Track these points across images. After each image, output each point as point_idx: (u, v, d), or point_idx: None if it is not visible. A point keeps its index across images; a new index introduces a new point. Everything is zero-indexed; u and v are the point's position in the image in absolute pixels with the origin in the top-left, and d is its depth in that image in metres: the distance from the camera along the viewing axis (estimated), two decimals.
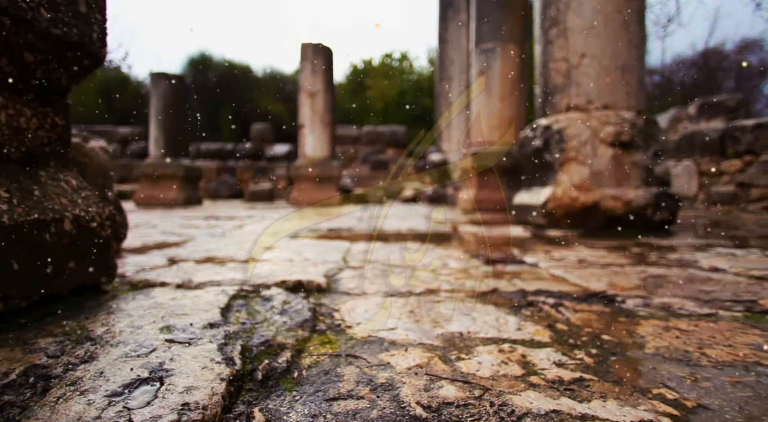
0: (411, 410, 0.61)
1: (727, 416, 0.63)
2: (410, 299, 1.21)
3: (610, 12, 3.22)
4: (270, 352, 0.79)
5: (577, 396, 0.67)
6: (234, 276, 1.41)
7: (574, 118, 3.35)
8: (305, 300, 1.15)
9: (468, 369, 0.76)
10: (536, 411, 0.61)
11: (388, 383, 0.69)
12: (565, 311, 1.16)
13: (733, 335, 0.98)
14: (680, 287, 1.42)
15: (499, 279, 1.56)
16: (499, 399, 0.64)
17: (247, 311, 1.02)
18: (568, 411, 0.61)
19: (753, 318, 1.11)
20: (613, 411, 0.62)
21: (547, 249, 2.37)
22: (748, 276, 1.57)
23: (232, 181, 13.13)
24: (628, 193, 3.23)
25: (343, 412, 0.61)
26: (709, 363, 0.82)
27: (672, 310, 1.17)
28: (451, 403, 0.63)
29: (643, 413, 0.62)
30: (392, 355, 0.81)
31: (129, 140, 14.36)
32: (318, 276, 1.41)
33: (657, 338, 0.96)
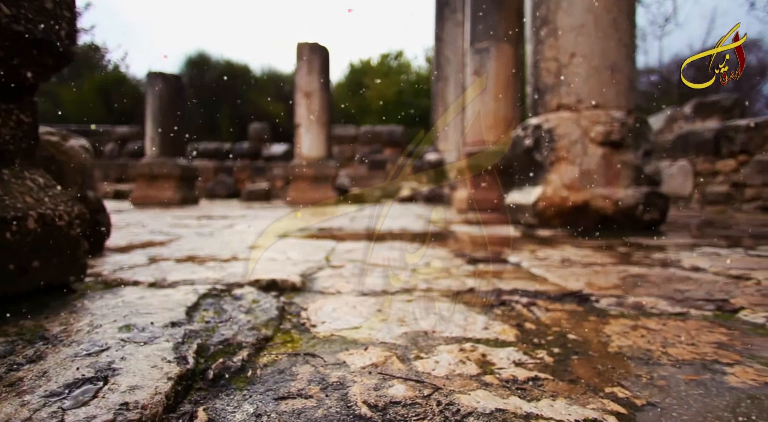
0: (357, 409, 0.61)
1: (674, 413, 0.63)
2: (382, 299, 1.21)
3: (600, 11, 3.22)
4: (227, 351, 0.79)
5: (527, 396, 0.66)
6: (210, 275, 1.41)
7: (564, 117, 3.35)
8: (275, 299, 1.15)
9: (424, 369, 0.76)
10: (481, 410, 0.61)
11: (340, 382, 0.69)
12: (536, 311, 1.16)
13: (699, 334, 0.98)
14: (657, 287, 1.42)
15: (478, 278, 1.56)
16: (447, 399, 0.64)
17: (214, 310, 1.02)
18: (514, 410, 0.61)
19: (722, 316, 1.11)
20: (560, 410, 0.62)
21: (533, 249, 2.37)
22: (726, 276, 1.56)
23: (229, 181, 13.12)
24: (617, 192, 3.23)
25: (289, 411, 0.60)
26: (668, 362, 0.82)
27: (644, 309, 1.17)
28: (399, 402, 0.63)
29: (590, 412, 0.62)
30: (350, 354, 0.81)
31: (127, 139, 14.36)
32: (294, 275, 1.41)
33: (622, 337, 0.96)
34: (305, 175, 8.51)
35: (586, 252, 2.23)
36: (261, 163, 13.78)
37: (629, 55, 3.33)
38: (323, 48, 8.73)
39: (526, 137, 3.63)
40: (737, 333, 0.99)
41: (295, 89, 8.83)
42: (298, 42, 8.72)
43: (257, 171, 13.54)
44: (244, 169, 13.67)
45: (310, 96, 8.61)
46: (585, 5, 3.25)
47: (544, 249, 2.35)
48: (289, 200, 8.52)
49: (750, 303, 1.16)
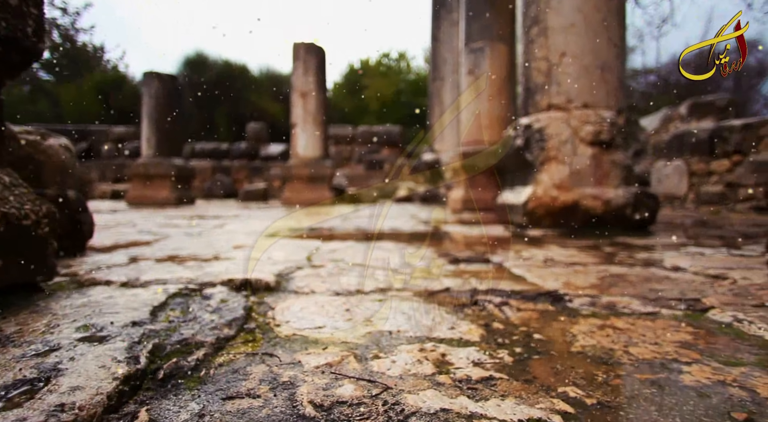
0: (301, 409, 0.61)
1: (621, 413, 0.63)
2: (353, 298, 1.21)
3: (589, 11, 3.22)
4: (184, 351, 0.79)
5: (476, 396, 0.66)
6: (186, 275, 1.40)
7: (554, 117, 3.35)
8: (245, 299, 1.15)
9: (379, 368, 0.75)
10: (426, 410, 0.61)
11: (290, 382, 0.69)
12: (507, 311, 1.16)
13: (665, 333, 0.98)
14: (634, 287, 1.41)
15: (456, 278, 1.56)
16: (394, 399, 0.64)
17: (181, 310, 1.02)
18: (459, 410, 0.61)
19: (692, 316, 1.11)
20: (506, 410, 0.62)
21: (519, 248, 2.37)
22: (704, 275, 1.56)
23: (226, 180, 13.11)
24: (607, 192, 3.22)
25: (234, 411, 0.60)
26: (628, 361, 0.82)
27: (615, 309, 1.17)
28: (345, 402, 0.63)
29: (537, 411, 0.62)
30: (308, 354, 0.81)
31: (124, 139, 14.35)
32: (269, 275, 1.40)
33: (588, 336, 0.96)
34: (301, 175, 8.50)
35: (571, 252, 2.23)
36: (259, 163, 13.77)
37: (619, 54, 3.33)
38: (319, 48, 8.72)
39: (516, 136, 3.63)
40: (703, 332, 0.99)
41: (291, 89, 8.82)
42: (294, 42, 8.71)
43: (255, 171, 13.54)
44: (242, 169, 13.67)
45: (306, 96, 8.60)
46: (574, 5, 3.25)
47: (530, 249, 2.35)
48: (285, 200, 8.52)
49: (721, 303, 1.15)
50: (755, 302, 1.12)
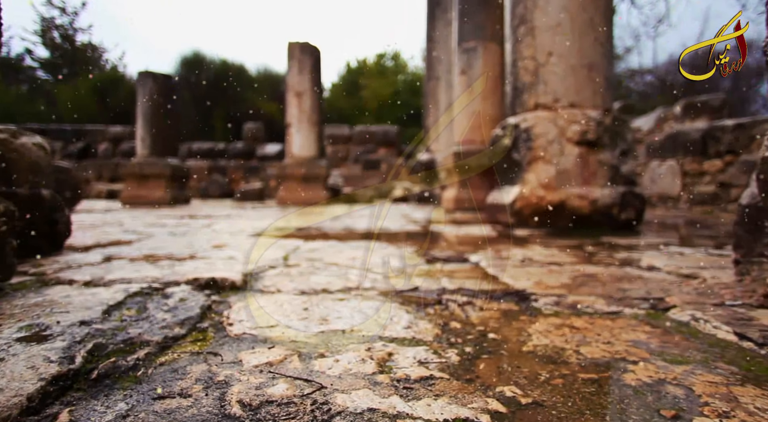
0: (229, 409, 0.60)
1: (554, 412, 0.63)
2: (316, 297, 1.21)
3: (576, 10, 3.22)
4: (127, 350, 0.78)
5: (409, 395, 0.66)
6: (153, 274, 1.40)
7: (541, 116, 3.34)
8: (206, 298, 1.14)
9: (319, 368, 0.75)
10: (352, 409, 0.60)
11: (225, 381, 0.68)
12: (470, 310, 1.15)
13: (622, 332, 0.97)
14: (603, 286, 1.41)
15: (429, 277, 1.55)
16: (325, 398, 0.63)
17: (137, 309, 1.01)
18: (385, 410, 0.60)
19: (653, 315, 1.11)
20: (434, 410, 0.61)
21: (500, 248, 2.37)
22: (677, 275, 1.56)
23: (223, 180, 13.11)
24: (593, 192, 3.22)
25: (160, 411, 0.60)
26: (576, 361, 0.82)
27: (579, 308, 1.17)
28: (274, 402, 0.62)
29: (467, 411, 0.61)
30: (253, 353, 0.80)
31: (121, 139, 14.34)
32: (236, 274, 1.40)
33: (543, 336, 0.95)
34: (296, 175, 8.49)
35: (552, 252, 2.22)
36: (255, 163, 13.76)
37: (606, 54, 3.33)
38: (314, 48, 8.71)
39: (504, 136, 3.63)
40: (659, 331, 0.98)
41: (286, 89, 8.82)
42: (289, 41, 8.71)
43: (251, 171, 13.53)
44: (238, 169, 13.66)
45: (301, 96, 8.60)
46: (561, 4, 3.25)
47: (512, 249, 2.35)
48: (280, 200, 8.52)
49: (683, 302, 1.15)
50: (716, 301, 1.12)
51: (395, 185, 10.80)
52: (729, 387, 0.69)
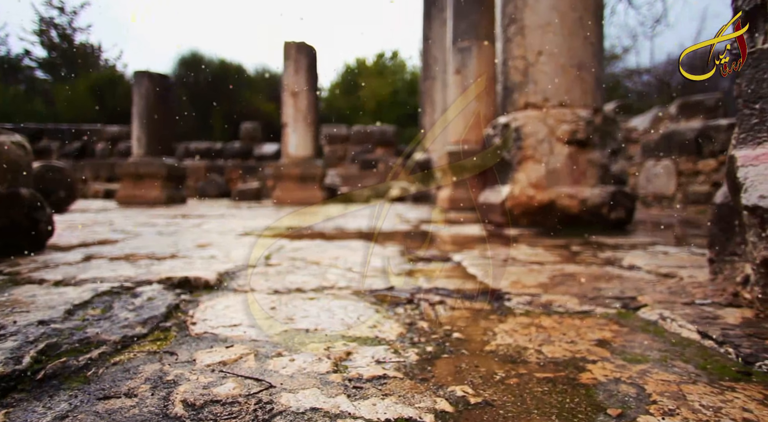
0: (171, 409, 0.60)
1: (501, 411, 0.62)
2: (286, 297, 1.20)
3: (565, 9, 3.21)
4: (81, 350, 0.78)
5: (357, 395, 0.65)
6: (128, 273, 1.39)
7: (531, 116, 3.34)
8: (176, 297, 1.14)
9: (273, 367, 0.74)
10: (294, 409, 0.60)
11: (174, 380, 0.68)
12: (440, 309, 1.15)
13: (589, 331, 0.97)
14: (580, 285, 1.41)
15: (407, 277, 1.55)
16: (270, 398, 0.63)
17: (102, 308, 1.01)
18: (328, 409, 0.60)
19: (624, 314, 1.10)
20: (378, 409, 0.61)
21: (486, 247, 2.36)
22: (656, 274, 1.55)
23: (220, 180, 13.10)
24: (583, 191, 3.22)
25: (102, 412, 0.59)
26: (536, 360, 0.81)
27: (551, 308, 1.16)
28: (219, 401, 0.62)
29: (412, 410, 0.61)
30: (209, 352, 0.80)
31: (118, 139, 14.33)
32: (211, 273, 1.40)
33: (508, 335, 0.95)
34: (291, 174, 8.49)
35: (537, 251, 2.22)
36: (253, 162, 13.75)
37: (596, 53, 3.32)
38: (310, 47, 8.71)
39: (495, 135, 3.62)
40: (625, 330, 0.98)
41: (281, 89, 8.81)
42: (285, 41, 8.70)
43: (249, 170, 13.52)
44: (236, 168, 13.65)
45: (296, 95, 8.59)
46: (551, 3, 3.24)
47: (497, 248, 2.35)
48: (276, 199, 8.51)
49: (654, 301, 1.15)
50: (686, 300, 1.12)
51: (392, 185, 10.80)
52: (680, 386, 0.69)
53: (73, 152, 13.97)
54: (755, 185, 0.85)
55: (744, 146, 0.94)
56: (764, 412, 0.61)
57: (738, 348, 0.79)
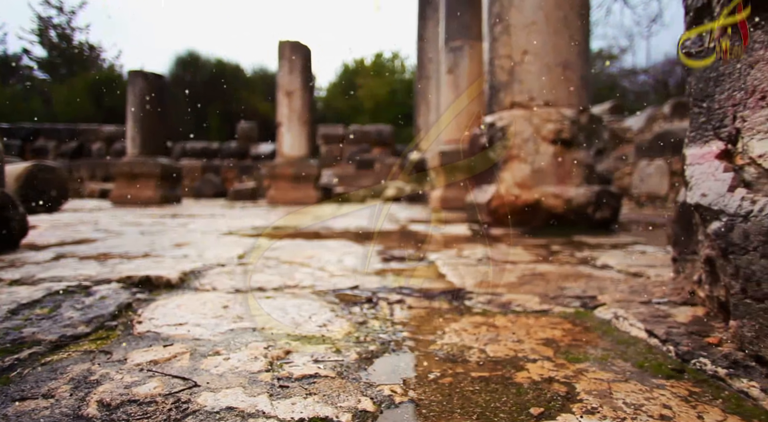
0: (84, 410, 0.59)
1: (424, 410, 0.62)
2: (244, 295, 1.19)
3: (550, 9, 3.20)
4: (12, 350, 0.77)
5: (279, 394, 0.64)
6: (90, 272, 1.39)
7: (517, 115, 3.33)
8: (132, 295, 1.13)
9: (205, 366, 0.74)
10: (209, 408, 0.59)
11: (98, 380, 0.67)
12: (397, 309, 1.14)
13: (540, 330, 0.96)
14: (546, 284, 1.40)
15: (376, 276, 1.54)
16: (189, 397, 0.62)
17: (51, 308, 1.00)
18: (243, 409, 0.59)
19: (581, 313, 1.09)
20: (295, 409, 0.60)
21: (465, 247, 2.36)
22: (625, 273, 1.55)
23: (216, 180, 13.09)
24: (568, 191, 3.21)
25: (12, 414, 0.58)
26: (476, 360, 0.80)
27: (509, 307, 1.15)
28: (136, 401, 0.61)
29: (330, 410, 0.60)
30: (145, 351, 0.79)
31: (114, 138, 14.32)
32: (174, 272, 1.39)
33: (456, 335, 0.94)
34: (286, 174, 8.49)
35: (516, 251, 2.21)
36: (249, 162, 13.75)
37: (581, 53, 3.31)
38: (305, 47, 8.71)
39: (482, 135, 3.62)
40: (577, 329, 0.97)
41: (276, 88, 8.81)
42: (279, 40, 8.70)
43: (245, 170, 13.51)
44: (232, 168, 13.64)
45: (291, 95, 8.59)
46: (536, 2, 3.23)
47: (476, 247, 2.34)
48: (270, 199, 8.51)
49: (614, 300, 1.14)
50: (644, 299, 1.11)
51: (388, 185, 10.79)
52: (611, 384, 0.68)
53: (69, 152, 13.97)
54: (698, 183, 0.84)
55: (693, 145, 0.93)
56: (683, 409, 0.60)
57: (677, 346, 0.79)
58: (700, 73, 0.91)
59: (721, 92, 0.85)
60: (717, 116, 0.86)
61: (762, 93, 0.74)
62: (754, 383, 0.63)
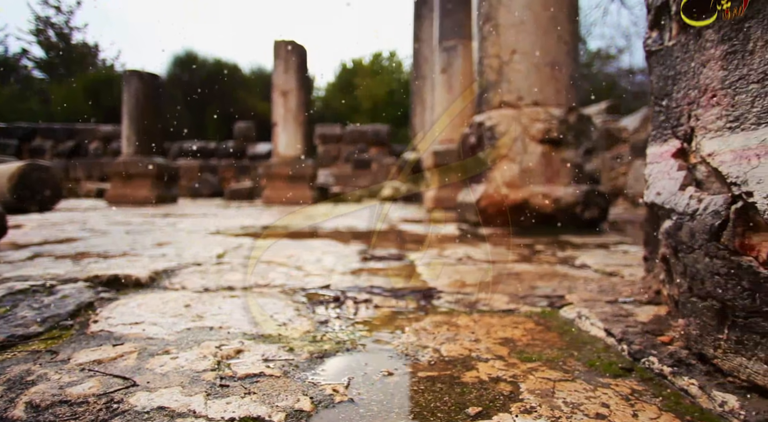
0: (10, 412, 0.58)
1: (361, 410, 0.61)
2: (209, 294, 1.19)
3: (538, 8, 3.19)
4: None
5: (217, 394, 0.64)
6: (58, 272, 1.38)
7: (505, 114, 3.32)
8: (96, 294, 1.12)
9: (151, 365, 0.73)
10: (139, 409, 0.58)
11: (33, 380, 0.66)
12: (363, 308, 1.13)
13: (500, 330, 0.95)
14: (519, 284, 1.39)
15: (351, 275, 1.53)
16: (122, 397, 0.61)
17: (8, 307, 0.99)
18: (174, 408, 0.58)
19: (547, 312, 1.09)
20: (229, 408, 0.59)
21: (448, 246, 2.35)
22: (601, 272, 1.54)
23: (213, 180, 13.08)
24: (557, 191, 3.20)
25: None
26: (428, 359, 0.80)
27: (476, 306, 1.15)
28: (67, 401, 0.60)
29: (265, 409, 0.59)
30: (93, 350, 0.78)
31: (111, 138, 14.31)
32: (145, 271, 1.38)
33: (415, 334, 0.93)
34: (281, 174, 8.48)
35: (499, 250, 2.21)
36: (246, 162, 13.74)
37: (569, 52, 3.30)
38: (300, 46, 8.70)
39: (471, 134, 3.61)
40: (539, 329, 0.96)
41: (272, 88, 8.81)
42: (274, 40, 8.69)
43: (242, 170, 13.51)
44: (229, 168, 13.63)
45: (286, 94, 8.58)
46: (524, 1, 3.23)
47: (458, 247, 2.33)
48: (266, 199, 8.50)
49: (581, 299, 1.13)
50: (611, 298, 1.10)
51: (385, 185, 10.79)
52: (557, 383, 0.68)
53: (66, 152, 13.96)
54: (655, 182, 0.83)
55: (654, 144, 0.92)
56: (621, 407, 0.59)
57: (630, 345, 0.78)
58: (660, 71, 0.90)
59: (678, 91, 0.84)
60: (674, 114, 0.85)
61: (713, 92, 0.74)
62: (694, 381, 0.62)
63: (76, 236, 2.56)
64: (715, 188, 0.70)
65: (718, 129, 0.72)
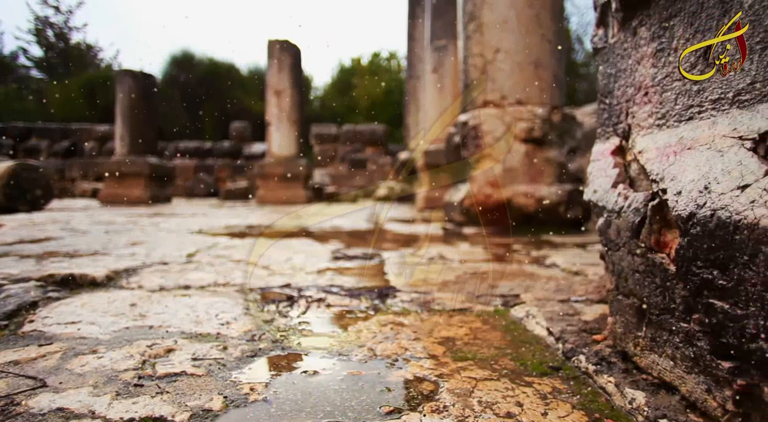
0: None
1: (272, 410, 0.60)
2: (160, 293, 1.17)
3: (522, 7, 3.19)
4: None
5: (129, 393, 0.63)
6: (13, 271, 1.37)
7: (489, 113, 3.31)
8: (44, 294, 1.11)
9: (72, 365, 0.72)
10: (36, 410, 0.57)
11: None
12: (315, 307, 1.12)
13: (444, 329, 0.94)
14: (480, 283, 1.38)
15: (316, 274, 1.52)
16: (25, 398, 0.60)
17: None
18: (74, 409, 0.57)
19: (499, 311, 1.08)
20: (132, 409, 0.58)
21: (424, 245, 2.34)
22: (568, 272, 1.53)
23: (209, 179, 13.07)
24: (540, 190, 3.19)
25: None
26: (359, 358, 0.78)
27: (429, 305, 1.14)
28: None
29: (170, 409, 0.58)
30: (15, 351, 0.77)
31: (107, 138, 14.29)
32: (102, 270, 1.37)
33: (356, 333, 0.92)
34: (275, 174, 8.46)
35: (474, 249, 2.20)
36: (242, 161, 13.72)
37: (553, 51, 3.29)
38: (294, 46, 8.69)
39: (455, 133, 3.60)
40: (485, 328, 0.95)
41: (265, 87, 8.80)
42: (268, 39, 8.68)
43: (238, 170, 13.49)
44: (225, 168, 13.61)
45: (280, 94, 8.57)
46: (508, 0, 3.22)
47: (435, 246, 2.32)
48: (259, 199, 8.49)
49: (535, 298, 1.12)
50: (563, 297, 1.09)
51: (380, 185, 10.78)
52: (479, 383, 0.66)
53: (61, 151, 13.94)
54: (594, 179, 0.82)
55: (599, 141, 0.91)
56: (534, 406, 0.58)
57: (565, 344, 0.77)
58: (604, 69, 0.89)
59: (618, 88, 0.83)
60: (615, 112, 0.84)
61: (645, 89, 0.72)
62: (612, 378, 0.61)
63: (53, 236, 2.55)
64: (644, 186, 0.69)
65: (649, 126, 0.71)
